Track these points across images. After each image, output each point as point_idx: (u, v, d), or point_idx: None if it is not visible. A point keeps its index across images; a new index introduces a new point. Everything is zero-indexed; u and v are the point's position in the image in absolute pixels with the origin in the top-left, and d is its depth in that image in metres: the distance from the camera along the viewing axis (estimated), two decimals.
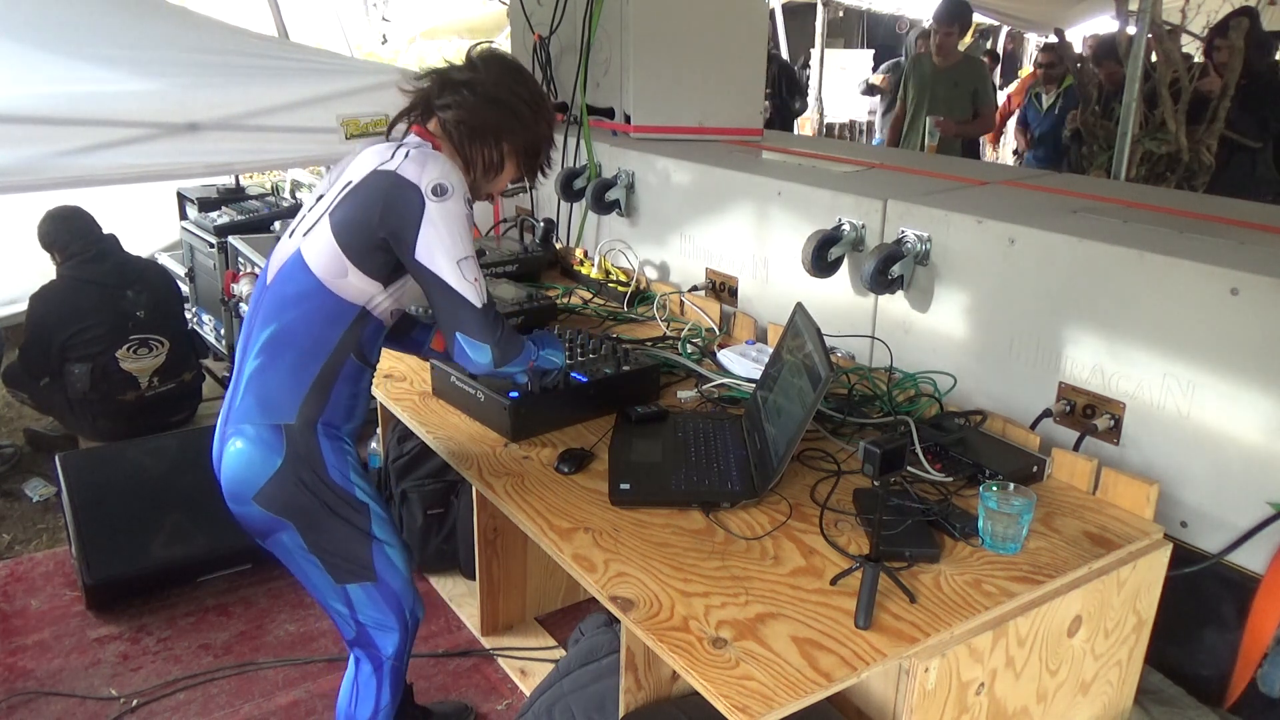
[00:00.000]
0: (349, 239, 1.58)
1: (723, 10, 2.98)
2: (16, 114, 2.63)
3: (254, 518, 1.66)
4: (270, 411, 1.63)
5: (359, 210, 1.58)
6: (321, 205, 1.65)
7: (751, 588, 1.44)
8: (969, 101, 5.17)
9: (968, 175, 2.58)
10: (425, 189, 1.56)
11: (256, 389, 1.64)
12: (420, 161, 1.58)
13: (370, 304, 1.64)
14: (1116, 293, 1.79)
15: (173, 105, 2.85)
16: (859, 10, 10.60)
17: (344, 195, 1.60)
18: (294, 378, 1.63)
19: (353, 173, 1.63)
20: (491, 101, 1.70)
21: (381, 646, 1.80)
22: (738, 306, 2.61)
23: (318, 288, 1.59)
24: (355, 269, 1.59)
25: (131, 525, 2.80)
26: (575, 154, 3.13)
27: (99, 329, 3.46)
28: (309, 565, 1.70)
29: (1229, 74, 3.97)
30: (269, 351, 1.63)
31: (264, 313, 1.65)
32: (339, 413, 1.68)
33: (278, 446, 1.62)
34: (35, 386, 3.64)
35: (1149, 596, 1.66)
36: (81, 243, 3.51)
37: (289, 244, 1.66)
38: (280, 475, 1.62)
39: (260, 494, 1.63)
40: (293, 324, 1.62)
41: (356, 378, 1.69)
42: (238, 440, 1.64)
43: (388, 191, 1.57)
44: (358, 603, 1.74)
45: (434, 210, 1.56)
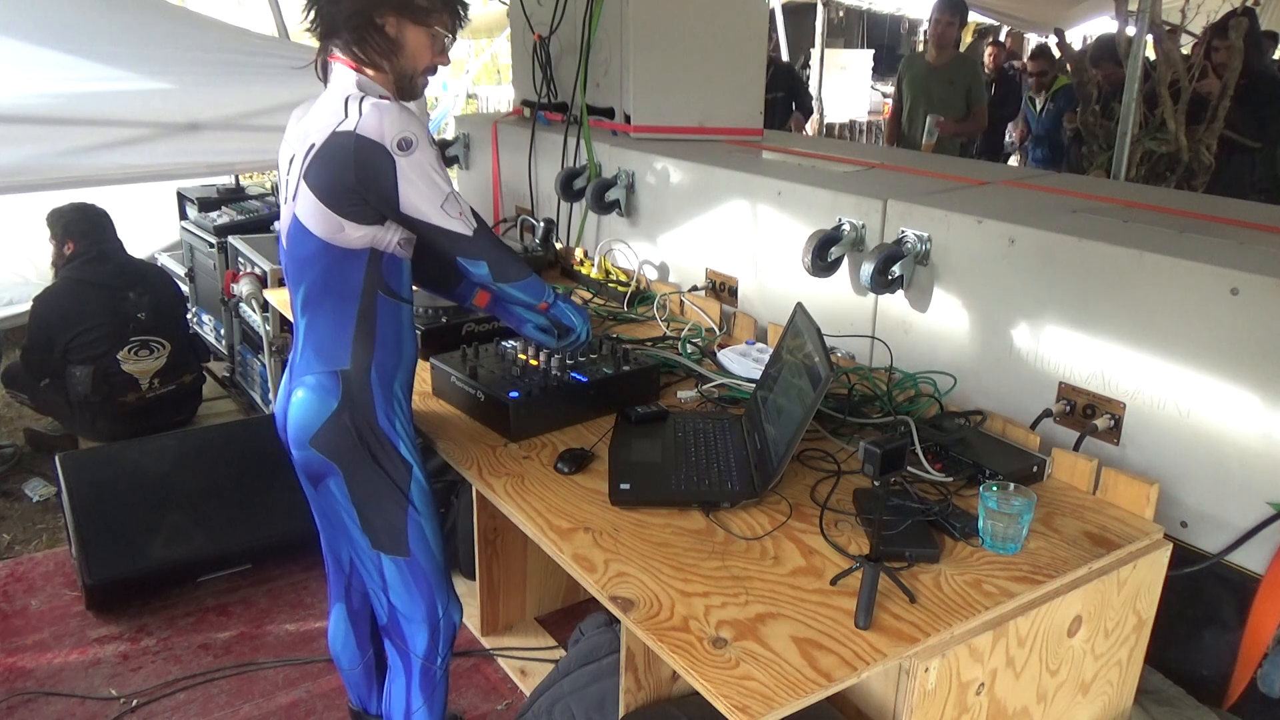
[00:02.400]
0: (333, 200, 1.62)
1: (723, 10, 2.98)
2: (17, 114, 2.64)
3: (310, 461, 1.75)
4: (327, 359, 1.72)
5: (333, 174, 1.61)
6: (295, 167, 1.68)
7: (751, 588, 1.44)
8: (964, 99, 5.15)
9: (968, 175, 2.58)
10: (390, 146, 1.58)
11: (312, 342, 1.74)
12: (376, 116, 1.58)
13: (376, 243, 1.68)
14: (1116, 293, 1.79)
15: (173, 105, 2.85)
16: (859, 10, 10.61)
17: (312, 157, 1.62)
18: (338, 325, 1.71)
19: (314, 133, 1.63)
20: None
21: (410, 642, 1.86)
22: (738, 306, 2.61)
23: (322, 245, 1.66)
24: (348, 222, 1.64)
25: (131, 525, 2.80)
26: (575, 154, 3.13)
27: (100, 330, 3.46)
28: (349, 519, 1.76)
29: (1228, 74, 3.97)
30: (309, 308, 1.73)
31: (291, 276, 1.74)
32: (387, 353, 1.75)
33: (334, 390, 1.71)
34: (35, 387, 3.64)
35: (1149, 596, 1.66)
36: (87, 243, 3.52)
37: (286, 209, 1.73)
38: (334, 417, 1.71)
39: (316, 436, 1.72)
40: (315, 281, 1.70)
41: (395, 314, 1.76)
42: (299, 390, 1.74)
43: (356, 155, 1.58)
44: (390, 579, 1.80)
45: (404, 165, 1.60)
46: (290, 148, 1.73)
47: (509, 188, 3.55)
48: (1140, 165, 3.96)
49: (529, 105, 3.39)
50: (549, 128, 3.27)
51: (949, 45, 5.11)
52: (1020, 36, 9.61)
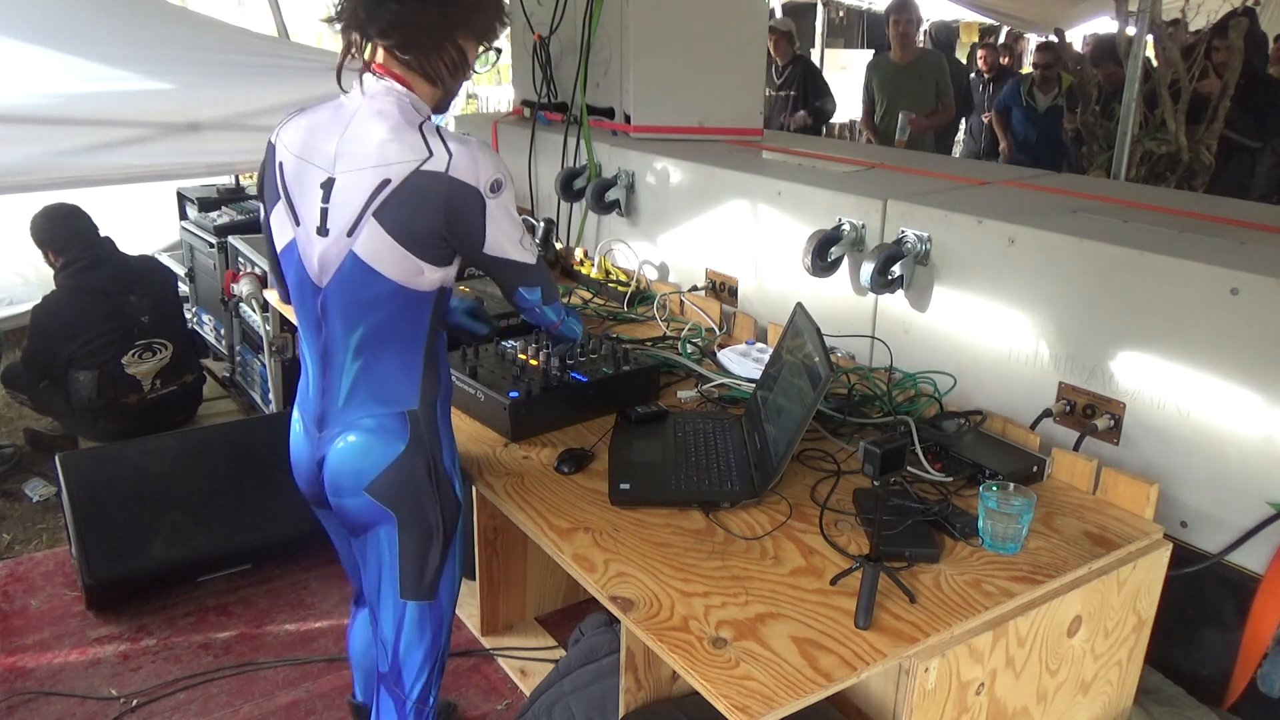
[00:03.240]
0: (417, 245, 1.54)
1: (723, 10, 2.98)
2: (16, 114, 2.64)
3: (359, 509, 1.64)
4: (391, 402, 1.62)
5: (419, 217, 1.52)
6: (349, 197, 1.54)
7: (751, 588, 1.44)
8: (933, 94, 5.27)
9: (968, 175, 2.58)
10: (484, 189, 1.54)
11: (369, 386, 1.62)
12: (469, 157, 1.52)
13: (445, 281, 1.63)
14: (1116, 292, 1.79)
15: (173, 105, 2.85)
16: (859, 10, 10.61)
17: (388, 197, 1.51)
18: (405, 366, 1.62)
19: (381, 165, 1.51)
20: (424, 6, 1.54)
21: (409, 689, 1.77)
22: (738, 306, 2.61)
23: (397, 289, 1.56)
24: (429, 265, 1.57)
25: (131, 525, 2.80)
26: (575, 154, 3.13)
27: (105, 338, 3.45)
28: (390, 570, 1.67)
29: (1228, 74, 3.98)
30: (368, 351, 1.61)
31: (338, 315, 1.60)
32: (446, 388, 1.70)
33: (401, 433, 1.61)
34: (35, 388, 3.64)
35: (1149, 596, 1.66)
36: (77, 249, 3.47)
37: (329, 243, 1.56)
38: (401, 461, 1.61)
39: (374, 483, 1.61)
40: (383, 322, 1.59)
41: (443, 346, 1.71)
42: (350, 435, 1.62)
43: (447, 199, 1.52)
44: (406, 628, 1.71)
45: (494, 207, 1.56)
46: (317, 168, 1.58)
47: None
48: (1140, 165, 3.97)
49: (529, 105, 3.39)
50: (549, 128, 3.27)
51: (911, 43, 5.24)
52: (1020, 38, 9.61)
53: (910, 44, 5.24)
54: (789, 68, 6.08)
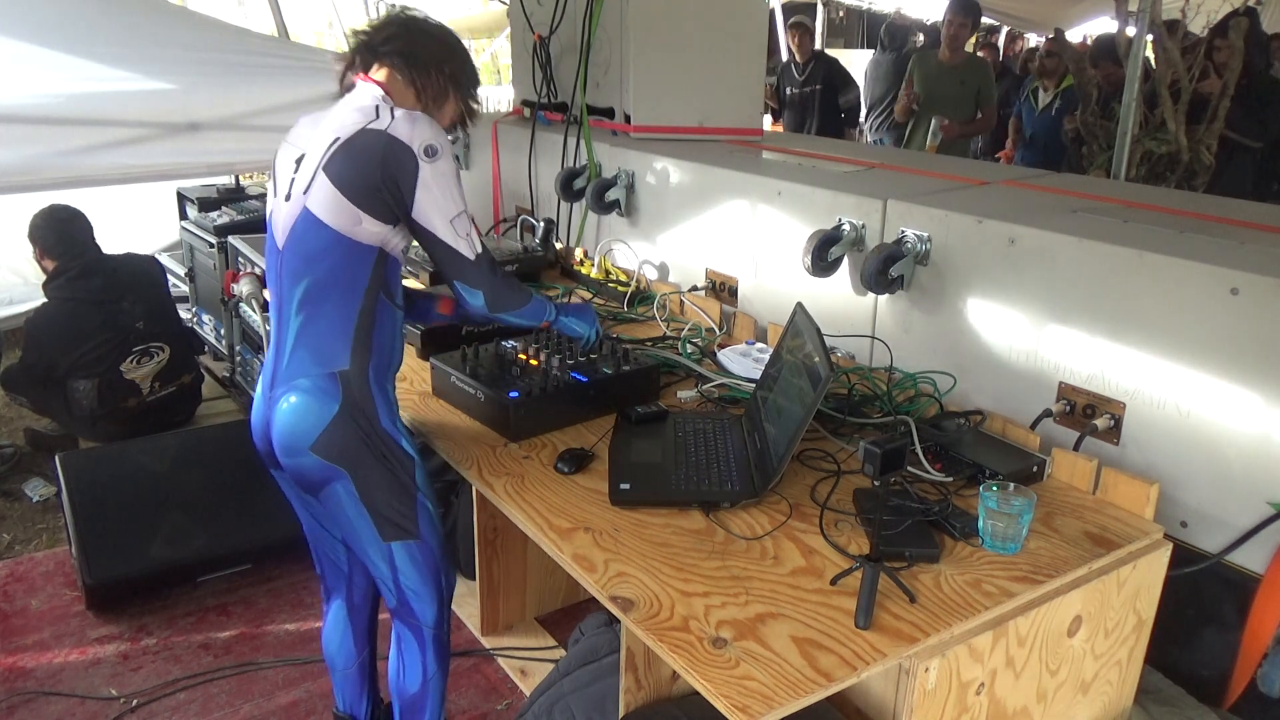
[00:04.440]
0: (355, 193, 1.65)
1: (723, 10, 2.98)
2: (16, 114, 2.63)
3: (309, 468, 1.72)
4: (324, 360, 1.71)
5: (359, 167, 1.64)
6: (310, 162, 1.70)
7: (751, 588, 1.44)
8: (974, 100, 5.17)
9: (968, 175, 2.58)
10: (418, 150, 1.64)
11: (306, 342, 1.71)
12: (410, 121, 1.66)
13: (385, 244, 1.71)
14: (1116, 293, 1.79)
15: (173, 105, 2.85)
16: (859, 10, 10.61)
17: (335, 151, 1.66)
18: (339, 323, 1.71)
19: (338, 126, 1.68)
20: (427, 34, 1.81)
21: (421, 616, 1.86)
22: (738, 306, 2.61)
23: (337, 238, 1.66)
24: (367, 216, 1.66)
25: (131, 525, 2.80)
26: (575, 154, 3.13)
27: (103, 347, 3.43)
28: (359, 518, 1.75)
29: (1229, 74, 3.98)
30: (309, 305, 1.70)
31: (289, 272, 1.72)
32: (383, 357, 1.76)
33: (334, 393, 1.70)
34: (34, 390, 3.63)
35: (1149, 596, 1.66)
36: (67, 257, 3.42)
37: (289, 205, 1.72)
38: (337, 421, 1.69)
39: (317, 442, 1.69)
40: (324, 275, 1.69)
41: (392, 319, 1.77)
42: (291, 395, 1.71)
43: (384, 152, 1.64)
44: (400, 565, 1.80)
45: (427, 171, 1.65)
46: (297, 148, 1.77)
47: (509, 188, 3.55)
48: (1140, 165, 3.96)
49: (529, 105, 3.39)
50: (549, 128, 3.26)
51: (961, 46, 5.16)
52: (1021, 37, 9.62)
53: (959, 47, 5.14)
54: (810, 64, 6.05)
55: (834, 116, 6.14)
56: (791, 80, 6.15)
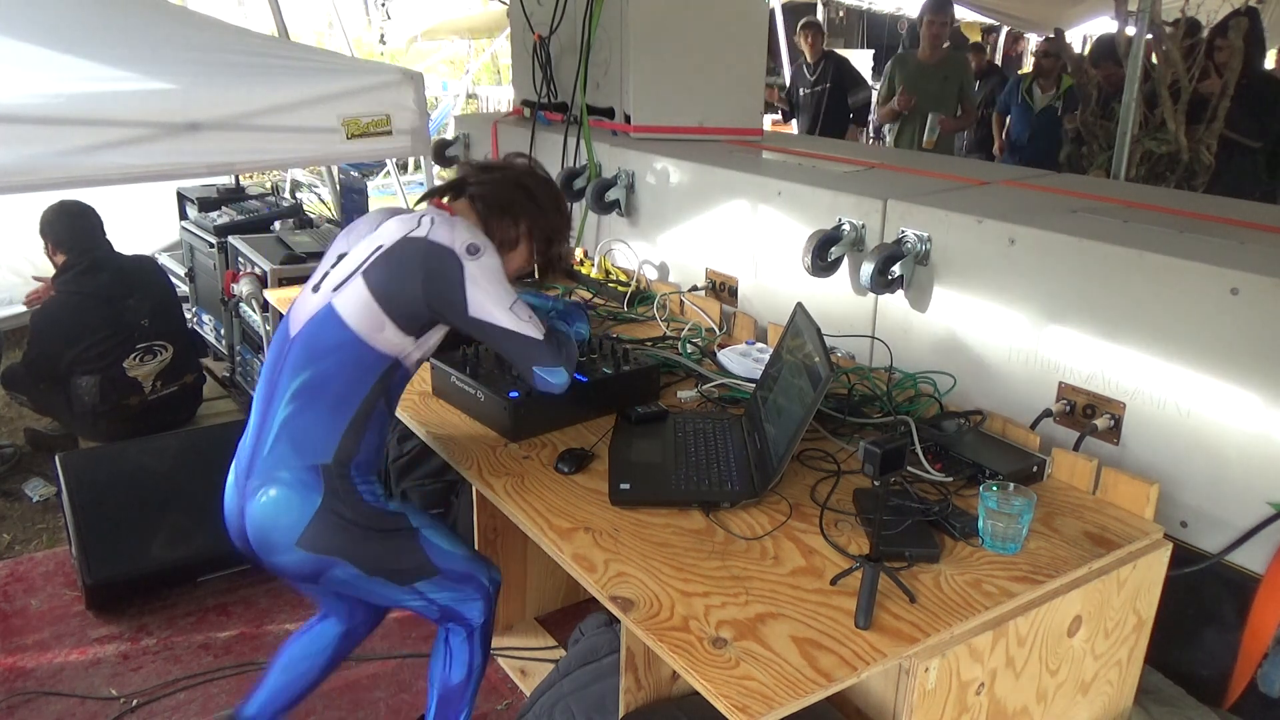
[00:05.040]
0: (390, 300, 1.66)
1: (723, 10, 2.98)
2: (16, 114, 2.63)
3: (300, 563, 1.69)
4: (306, 454, 1.67)
5: (397, 277, 1.66)
6: (349, 263, 1.72)
7: (751, 588, 1.44)
8: (955, 95, 5.27)
9: (968, 175, 2.58)
10: (460, 251, 1.66)
11: (291, 434, 1.68)
12: (448, 226, 1.69)
13: (402, 355, 1.72)
14: (1116, 293, 1.79)
15: (173, 105, 2.85)
16: (859, 10, 10.61)
17: (376, 257, 1.68)
18: (330, 420, 1.68)
19: (382, 236, 1.71)
20: (514, 184, 1.88)
21: (469, 617, 1.87)
22: (738, 306, 2.61)
23: (353, 339, 1.66)
24: (393, 325, 1.67)
25: (131, 525, 2.80)
26: (575, 154, 3.13)
27: (107, 343, 3.44)
28: (372, 585, 1.75)
29: (1229, 74, 3.97)
30: (303, 397, 1.68)
31: (293, 361, 1.70)
32: (368, 456, 1.74)
33: (316, 486, 1.66)
34: (35, 389, 3.64)
35: (1149, 596, 1.66)
36: (76, 251, 3.46)
37: (315, 298, 1.72)
38: (321, 514, 1.66)
39: (304, 538, 1.66)
40: (327, 371, 1.67)
41: (383, 423, 1.76)
42: (270, 489, 1.67)
43: (425, 260, 1.65)
44: (431, 594, 1.80)
45: (473, 269, 1.66)
46: (345, 245, 1.80)
47: None
48: (1140, 165, 3.96)
49: (529, 105, 3.39)
50: (549, 128, 3.27)
51: (940, 44, 5.27)
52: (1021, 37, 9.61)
53: (939, 45, 5.25)
54: (820, 63, 6.09)
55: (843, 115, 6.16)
56: (804, 81, 6.19)
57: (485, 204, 1.83)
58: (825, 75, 6.04)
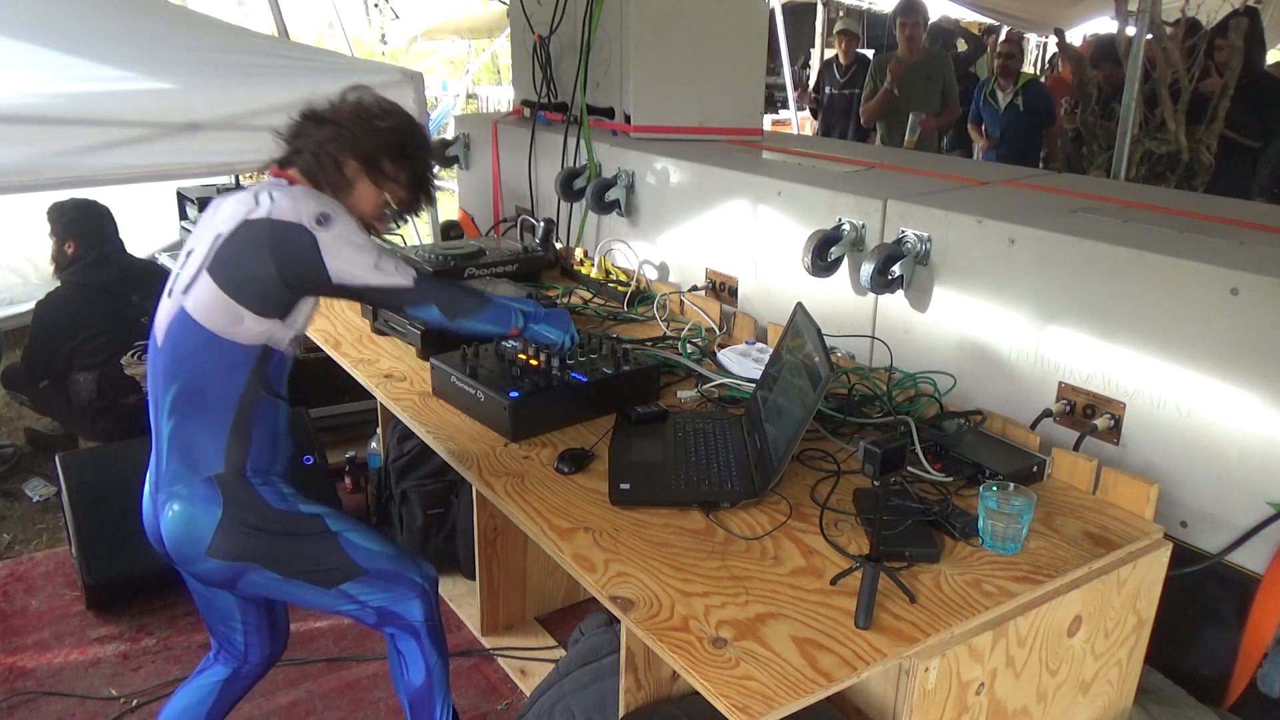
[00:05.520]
0: (240, 289, 1.59)
1: (723, 10, 2.98)
2: (16, 114, 2.63)
3: (213, 571, 1.67)
4: (198, 466, 1.65)
5: (244, 264, 1.59)
6: (193, 260, 1.64)
7: (751, 588, 1.44)
8: (939, 93, 5.32)
9: (968, 175, 2.58)
10: (308, 223, 1.59)
11: (179, 448, 1.66)
12: (290, 198, 1.61)
13: (271, 340, 1.66)
14: (1116, 293, 1.79)
15: (173, 105, 2.85)
16: (859, 10, 10.60)
17: (219, 249, 1.60)
18: (212, 428, 1.65)
19: (219, 223, 1.63)
20: (315, 121, 1.75)
21: (409, 617, 1.83)
22: (738, 306, 2.61)
23: (212, 339, 1.61)
24: (251, 314, 1.60)
25: (131, 525, 2.75)
26: (575, 154, 3.13)
27: (104, 336, 3.45)
28: (294, 589, 1.71)
29: (1229, 73, 3.98)
30: (180, 409, 1.64)
31: (163, 374, 1.66)
32: (264, 455, 1.70)
33: (214, 498, 1.64)
34: (35, 388, 3.64)
35: (1149, 596, 1.66)
36: (88, 245, 3.51)
37: (170, 303, 1.66)
38: (225, 524, 1.64)
39: (211, 548, 1.64)
40: (195, 377, 1.63)
41: (272, 415, 1.71)
42: (174, 504, 1.65)
43: (273, 240, 1.58)
44: (360, 595, 1.76)
45: (326, 238, 1.60)
46: (191, 240, 1.70)
47: (509, 188, 3.55)
48: (1140, 165, 3.96)
49: (529, 105, 3.39)
50: (549, 128, 3.27)
51: (918, 44, 5.32)
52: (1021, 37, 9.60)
53: (916, 45, 5.29)
54: (852, 67, 6.14)
55: None
56: (833, 80, 6.23)
57: (300, 160, 1.72)
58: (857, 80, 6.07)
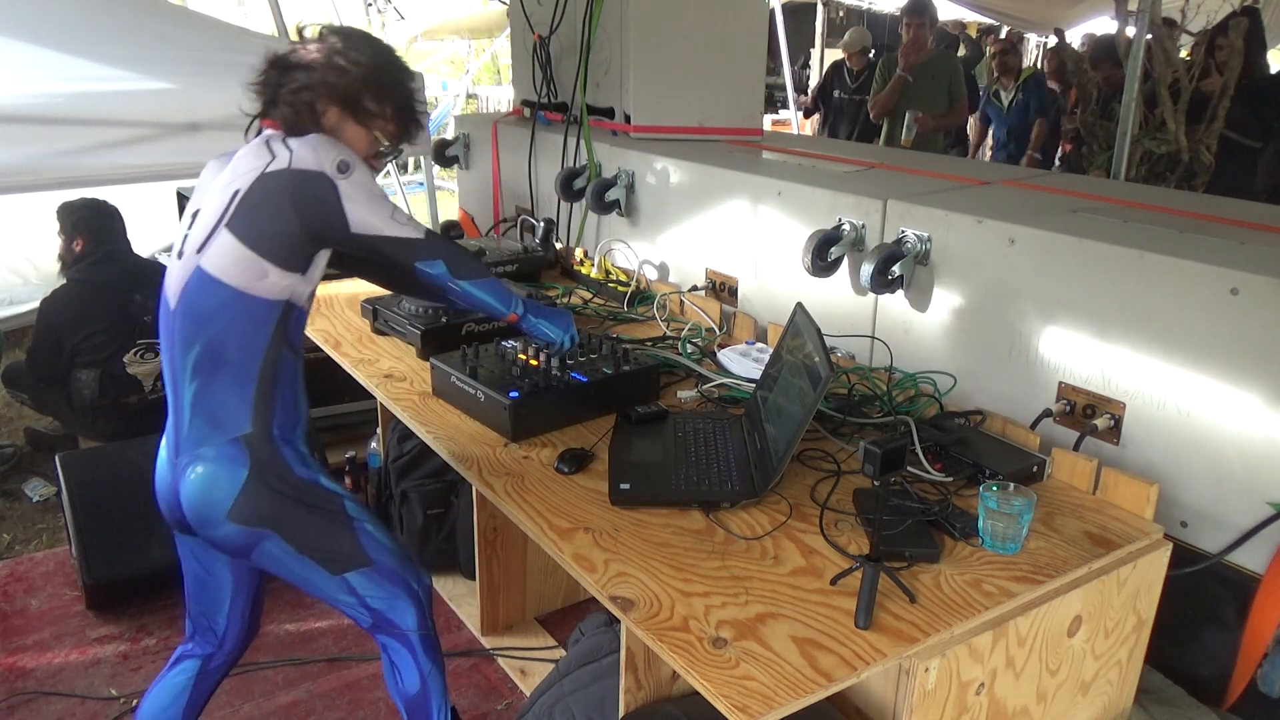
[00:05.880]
0: (263, 243, 1.58)
1: (723, 10, 2.98)
2: (16, 114, 2.64)
3: (232, 536, 1.67)
4: (225, 426, 1.64)
5: (267, 217, 1.58)
6: (206, 218, 1.63)
7: (751, 588, 1.44)
8: (945, 95, 5.28)
9: (968, 175, 2.58)
10: (330, 171, 1.58)
11: (203, 410, 1.65)
12: (310, 147, 1.59)
13: (293, 296, 1.65)
14: (1116, 293, 1.79)
15: (173, 105, 2.85)
16: (859, 10, 10.60)
17: (238, 204, 1.59)
18: (238, 388, 1.64)
19: (236, 179, 1.61)
20: (282, 69, 1.70)
21: (403, 625, 1.82)
22: (738, 306, 2.61)
23: (235, 295, 1.60)
24: (275, 268, 1.60)
25: (131, 525, 2.80)
26: (575, 154, 3.13)
27: (107, 334, 3.45)
28: (302, 567, 1.71)
29: (1229, 73, 3.98)
30: (204, 371, 1.64)
31: (181, 336, 1.65)
32: (288, 414, 1.71)
33: (240, 459, 1.64)
34: (35, 387, 3.64)
35: (1149, 596, 1.66)
36: (94, 243, 3.52)
37: (183, 264, 1.64)
38: (249, 485, 1.63)
39: (233, 510, 1.63)
40: (219, 336, 1.62)
41: (294, 373, 1.71)
42: (197, 466, 1.65)
43: (296, 191, 1.58)
44: (361, 589, 1.76)
45: (347, 187, 1.60)
46: (195, 202, 1.69)
47: (509, 188, 3.55)
48: (1140, 165, 3.96)
49: (529, 105, 3.39)
50: (549, 128, 3.27)
51: (923, 45, 5.28)
52: (1020, 38, 9.61)
53: (922, 45, 5.25)
54: (864, 73, 6.16)
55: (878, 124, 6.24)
56: (843, 85, 6.22)
57: (277, 112, 1.69)
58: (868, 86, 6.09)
